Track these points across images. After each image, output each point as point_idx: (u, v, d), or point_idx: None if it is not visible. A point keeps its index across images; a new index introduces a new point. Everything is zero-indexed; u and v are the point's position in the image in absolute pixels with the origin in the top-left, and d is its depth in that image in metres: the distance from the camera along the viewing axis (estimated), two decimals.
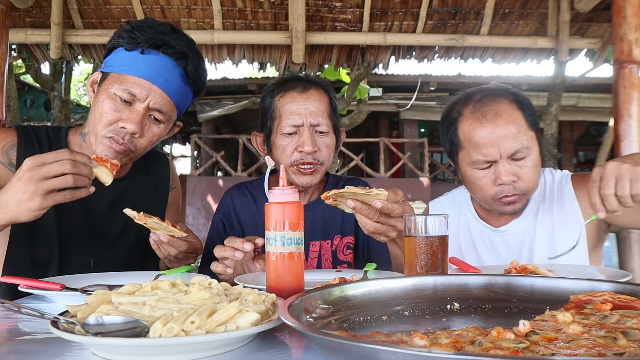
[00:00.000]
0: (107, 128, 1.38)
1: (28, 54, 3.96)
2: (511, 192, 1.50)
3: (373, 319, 0.82)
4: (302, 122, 1.60)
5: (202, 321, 0.70)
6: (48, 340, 0.81)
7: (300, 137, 1.60)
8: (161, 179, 1.70)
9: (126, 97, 1.37)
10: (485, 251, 1.67)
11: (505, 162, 1.48)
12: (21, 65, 9.14)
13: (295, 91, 1.64)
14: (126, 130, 1.38)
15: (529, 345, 0.63)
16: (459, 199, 1.77)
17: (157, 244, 1.32)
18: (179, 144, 15.70)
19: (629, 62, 2.62)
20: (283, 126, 1.61)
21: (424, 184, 9.18)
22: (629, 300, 0.79)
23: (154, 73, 1.39)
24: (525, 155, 1.48)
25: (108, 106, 1.37)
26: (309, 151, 1.58)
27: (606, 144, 5.36)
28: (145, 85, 1.38)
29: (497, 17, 3.75)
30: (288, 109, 1.61)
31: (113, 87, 1.38)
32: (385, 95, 10.53)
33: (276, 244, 0.99)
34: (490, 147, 1.47)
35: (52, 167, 1.11)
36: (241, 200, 1.76)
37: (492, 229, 1.66)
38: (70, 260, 1.46)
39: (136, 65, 1.38)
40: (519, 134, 1.47)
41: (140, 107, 1.38)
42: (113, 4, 3.63)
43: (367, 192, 1.16)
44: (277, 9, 3.71)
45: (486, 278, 0.93)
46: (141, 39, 1.39)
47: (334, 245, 1.73)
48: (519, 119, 1.49)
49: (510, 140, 1.46)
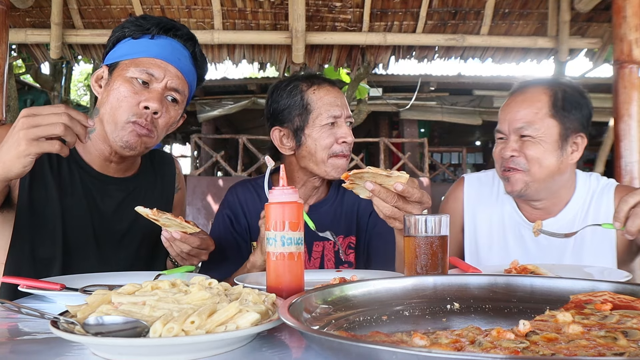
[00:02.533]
0: (130, 112, 1.38)
1: (28, 54, 3.96)
2: (509, 165, 1.54)
3: (373, 319, 0.82)
4: (341, 114, 1.64)
5: (202, 321, 0.70)
6: (48, 340, 0.81)
7: (339, 129, 1.64)
8: (167, 179, 1.70)
9: (145, 78, 1.39)
10: (514, 242, 1.65)
11: (512, 137, 1.54)
12: (21, 65, 9.14)
13: (329, 86, 1.69)
14: (149, 110, 1.38)
15: (529, 345, 0.63)
16: (498, 182, 1.74)
17: (170, 241, 1.30)
18: (179, 144, 15.70)
19: (629, 62, 2.63)
20: (323, 118, 1.63)
21: (424, 184, 9.18)
22: (629, 300, 0.79)
23: (167, 53, 1.42)
24: (531, 135, 1.51)
25: (126, 90, 1.38)
26: (350, 141, 1.64)
27: (606, 144, 5.36)
28: (162, 65, 1.41)
29: (497, 17, 3.75)
30: (327, 101, 1.65)
31: (129, 71, 1.39)
32: (385, 95, 10.53)
33: (276, 244, 0.99)
34: (502, 121, 1.58)
35: (45, 116, 1.10)
36: (246, 196, 1.76)
37: (526, 222, 1.64)
38: (75, 259, 1.45)
39: (149, 48, 1.41)
40: (530, 114, 1.51)
41: (158, 87, 1.41)
42: (113, 4, 3.63)
43: (389, 173, 1.15)
44: (277, 9, 3.71)
45: (486, 278, 0.93)
46: (149, 25, 1.42)
47: (337, 245, 1.73)
48: (539, 102, 1.53)
49: (519, 116, 1.52)
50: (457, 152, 12.69)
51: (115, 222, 1.53)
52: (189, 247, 1.32)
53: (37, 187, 1.42)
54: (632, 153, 2.59)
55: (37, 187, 1.42)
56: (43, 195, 1.42)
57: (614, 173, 2.60)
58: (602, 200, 1.58)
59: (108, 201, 1.52)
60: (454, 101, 10.70)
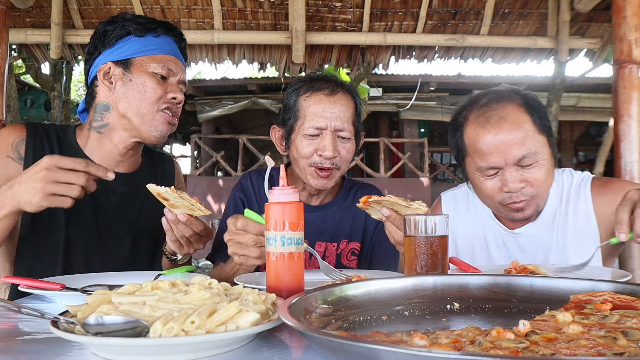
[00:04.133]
0: (160, 102, 1.50)
1: (28, 54, 3.96)
2: (519, 198, 1.44)
3: (373, 319, 0.82)
4: (326, 126, 1.57)
5: (202, 321, 0.70)
6: (48, 340, 0.81)
7: (322, 141, 1.57)
8: (166, 177, 1.73)
9: (164, 73, 1.52)
10: (497, 252, 1.62)
11: (512, 168, 1.42)
12: (21, 65, 9.15)
13: (323, 93, 1.61)
14: (176, 100, 1.53)
15: (529, 345, 0.63)
16: (472, 196, 1.68)
17: (173, 223, 1.28)
18: (179, 144, 15.70)
19: (629, 62, 2.62)
20: (306, 127, 1.58)
21: (424, 183, 9.18)
22: (629, 300, 0.79)
23: (173, 50, 1.57)
24: (533, 161, 1.41)
25: (153, 83, 1.49)
26: (329, 156, 1.56)
27: (606, 144, 5.36)
28: (175, 61, 1.56)
29: (497, 17, 3.75)
30: (313, 110, 1.59)
31: (150, 66, 1.50)
32: (385, 95, 10.54)
33: (276, 244, 0.99)
34: (494, 154, 1.41)
35: (66, 175, 1.18)
36: (260, 183, 1.75)
37: (507, 231, 1.60)
38: (78, 255, 1.46)
39: (161, 45, 1.54)
40: (525, 139, 1.40)
41: (174, 80, 1.55)
42: (113, 4, 3.63)
43: (408, 204, 1.17)
44: (277, 9, 3.71)
45: (486, 278, 0.93)
46: (154, 25, 1.54)
47: (340, 249, 1.72)
48: (526, 122, 1.42)
49: (516, 146, 1.39)
50: None
51: (118, 217, 1.55)
52: (190, 232, 1.30)
53: None
54: (632, 153, 2.59)
55: None
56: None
57: (614, 173, 2.60)
58: (580, 196, 1.53)
59: (112, 197, 1.55)
60: (454, 101, 10.71)
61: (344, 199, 1.77)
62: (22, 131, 1.48)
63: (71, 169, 1.18)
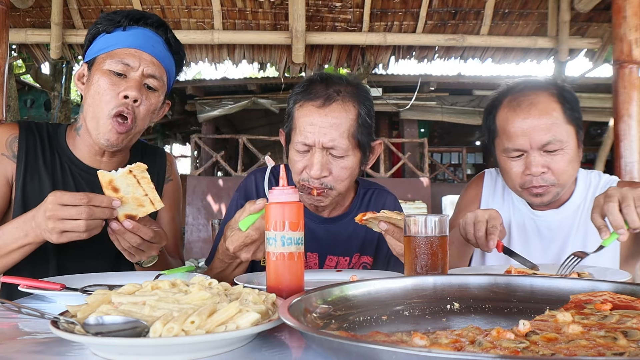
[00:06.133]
0: (111, 104, 1.39)
1: (28, 54, 3.97)
2: (539, 183, 1.49)
3: (373, 319, 0.82)
4: (314, 142, 1.42)
5: (202, 321, 0.70)
6: (48, 340, 0.81)
7: (310, 157, 1.44)
8: (158, 169, 1.70)
9: (120, 69, 1.40)
10: (516, 231, 1.66)
11: (536, 153, 1.48)
12: (21, 65, 9.15)
13: (314, 104, 1.44)
14: (128, 99, 1.39)
15: (529, 345, 0.63)
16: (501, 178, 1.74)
17: (118, 233, 1.22)
18: (179, 144, 15.69)
19: (629, 62, 2.63)
20: (295, 142, 1.47)
21: (424, 184, 9.17)
22: (629, 300, 0.79)
23: (141, 42, 1.44)
24: (558, 148, 1.47)
25: (105, 82, 1.39)
26: (316, 176, 1.43)
27: (606, 144, 5.36)
28: (136, 54, 1.42)
29: (497, 17, 3.76)
30: (303, 123, 1.45)
31: (105, 64, 1.40)
32: (385, 95, 10.53)
33: (276, 244, 0.99)
34: (521, 136, 1.48)
35: (69, 211, 1.17)
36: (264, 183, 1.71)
37: (530, 211, 1.64)
38: (69, 253, 1.45)
39: (122, 39, 1.43)
40: (552, 126, 1.46)
41: (135, 75, 1.41)
42: (113, 4, 3.64)
43: (402, 217, 1.17)
44: (277, 9, 3.71)
45: (486, 278, 0.93)
46: (119, 18, 1.44)
47: (352, 263, 1.65)
48: (555, 111, 1.48)
49: (542, 132, 1.46)
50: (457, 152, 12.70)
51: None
52: (138, 241, 1.24)
53: (31, 183, 1.46)
54: (632, 153, 2.60)
55: (32, 183, 1.46)
56: (37, 191, 1.45)
57: (614, 173, 2.60)
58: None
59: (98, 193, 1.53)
60: (454, 101, 10.71)
61: (358, 208, 1.67)
62: (15, 129, 1.48)
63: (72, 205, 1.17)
